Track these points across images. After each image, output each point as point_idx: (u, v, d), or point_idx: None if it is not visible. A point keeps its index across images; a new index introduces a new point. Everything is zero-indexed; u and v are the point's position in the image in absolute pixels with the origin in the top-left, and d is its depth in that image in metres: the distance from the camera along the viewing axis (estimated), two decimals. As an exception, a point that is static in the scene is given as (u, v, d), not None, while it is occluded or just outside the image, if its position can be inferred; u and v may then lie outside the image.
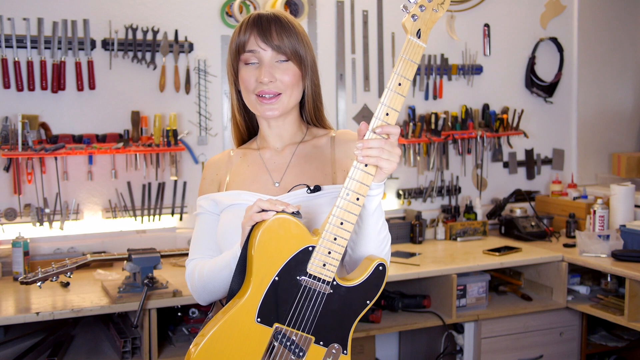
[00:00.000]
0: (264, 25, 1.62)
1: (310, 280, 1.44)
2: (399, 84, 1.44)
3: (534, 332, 3.28)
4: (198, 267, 1.65)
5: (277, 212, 1.43)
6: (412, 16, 1.44)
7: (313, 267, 1.44)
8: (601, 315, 3.11)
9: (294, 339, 1.45)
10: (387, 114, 1.44)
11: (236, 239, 1.58)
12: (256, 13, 1.66)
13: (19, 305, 2.58)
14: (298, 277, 1.44)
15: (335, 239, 1.43)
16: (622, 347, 3.43)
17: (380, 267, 1.48)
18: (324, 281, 1.44)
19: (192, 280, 1.67)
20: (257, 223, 1.45)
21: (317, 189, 1.59)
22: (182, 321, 2.91)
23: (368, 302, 1.49)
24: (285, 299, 1.44)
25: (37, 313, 2.47)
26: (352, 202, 1.43)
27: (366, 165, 1.43)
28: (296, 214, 1.45)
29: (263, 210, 1.44)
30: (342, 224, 1.43)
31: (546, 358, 3.30)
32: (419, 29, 1.44)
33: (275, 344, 1.44)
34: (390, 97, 1.44)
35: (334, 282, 1.45)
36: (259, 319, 1.43)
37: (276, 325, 1.44)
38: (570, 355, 3.35)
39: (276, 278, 1.43)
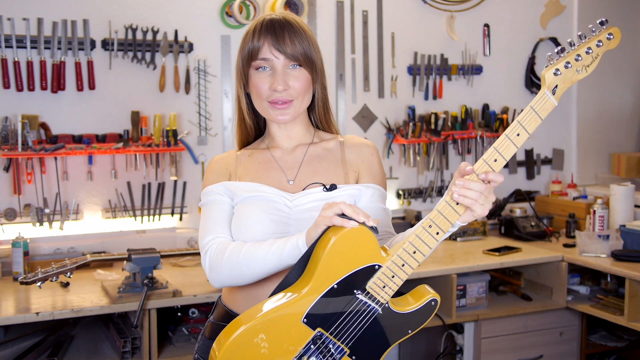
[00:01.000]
0: (277, 32, 1.62)
1: (366, 297, 1.43)
2: (518, 134, 1.39)
3: (533, 332, 3.28)
4: (232, 246, 1.57)
5: (358, 222, 1.40)
6: (555, 70, 1.38)
7: (373, 285, 1.43)
8: (601, 315, 3.11)
9: (331, 346, 1.44)
10: (496, 160, 1.39)
11: (259, 230, 1.57)
12: (268, 18, 1.65)
13: (19, 305, 2.58)
14: (355, 291, 1.43)
15: (403, 265, 1.42)
16: (622, 347, 3.43)
17: (433, 302, 1.48)
18: (378, 302, 1.44)
19: (218, 258, 1.57)
20: (333, 225, 1.42)
21: (333, 187, 1.59)
22: (182, 321, 2.91)
23: (410, 331, 1.49)
24: (336, 308, 1.43)
25: (37, 313, 2.47)
26: (432, 235, 1.41)
27: (457, 203, 1.40)
28: (374, 228, 1.42)
29: (343, 215, 1.41)
30: (414, 252, 1.42)
31: (546, 358, 3.30)
32: (557, 85, 1.39)
33: (312, 347, 1.43)
34: (505, 145, 1.39)
35: (387, 305, 1.45)
36: (305, 320, 1.42)
37: (319, 329, 1.43)
38: (570, 355, 3.35)
39: (335, 286, 1.42)
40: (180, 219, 3.32)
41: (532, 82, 4.07)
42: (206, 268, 1.61)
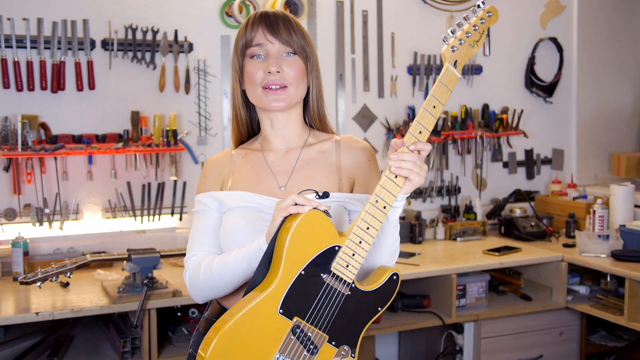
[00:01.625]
0: (272, 20, 1.65)
1: (332, 279, 1.48)
2: (434, 107, 1.53)
3: (533, 332, 3.28)
4: (205, 262, 1.63)
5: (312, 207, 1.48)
6: (452, 47, 1.56)
7: (337, 266, 1.48)
8: (601, 315, 3.11)
9: (310, 335, 1.47)
10: (420, 132, 1.52)
11: (243, 241, 1.59)
12: (262, 10, 1.68)
13: (19, 305, 2.59)
14: (322, 275, 1.47)
15: (360, 242, 1.48)
16: (622, 347, 3.43)
17: (395, 277, 1.55)
18: (344, 282, 1.49)
19: (195, 275, 1.64)
20: (289, 215, 1.47)
21: (325, 195, 1.60)
22: (181, 321, 2.91)
23: (380, 308, 1.54)
24: (307, 294, 1.47)
25: (37, 313, 2.47)
26: (380, 209, 1.49)
27: (396, 176, 1.49)
28: (326, 212, 1.49)
29: (297, 205, 1.48)
30: (368, 228, 1.49)
31: (546, 358, 3.30)
32: (456, 60, 1.57)
33: (292, 337, 1.46)
34: (426, 118, 1.52)
35: (353, 285, 1.50)
36: (281, 311, 1.45)
37: (296, 319, 1.46)
38: (570, 355, 3.36)
39: (302, 272, 1.46)
40: (180, 219, 3.32)
41: (532, 82, 4.07)
42: (187, 285, 1.69)
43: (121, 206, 3.20)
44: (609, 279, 3.32)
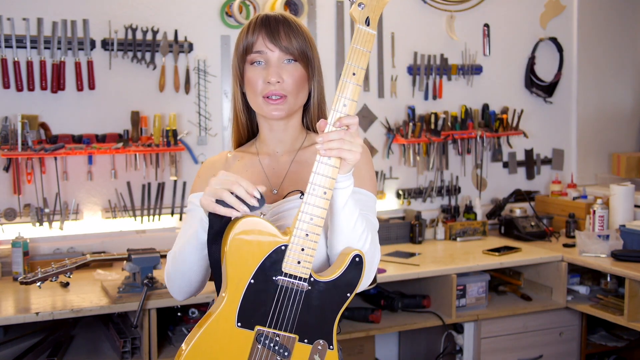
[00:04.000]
0: (272, 26, 1.62)
1: (287, 279, 1.43)
2: (353, 74, 1.42)
3: (533, 332, 3.28)
4: (172, 252, 1.64)
5: (239, 212, 1.42)
6: (359, 5, 1.43)
7: (288, 265, 1.43)
8: (601, 315, 3.11)
9: (278, 339, 1.45)
10: (345, 105, 1.42)
11: None
12: (264, 14, 1.66)
13: (19, 305, 2.59)
14: (274, 278, 1.43)
15: (307, 235, 1.42)
16: (622, 347, 3.43)
17: (357, 259, 1.46)
18: (300, 278, 1.43)
19: (167, 268, 1.64)
20: (228, 225, 1.44)
21: None
22: (181, 321, 2.91)
23: (349, 294, 1.47)
24: (263, 300, 1.43)
25: (37, 313, 2.47)
26: (319, 196, 1.42)
27: (330, 158, 1.42)
28: (256, 206, 1.43)
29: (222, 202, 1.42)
30: (311, 219, 1.42)
31: (546, 358, 3.30)
32: (367, 17, 1.44)
33: (259, 346, 1.44)
34: (346, 88, 1.42)
35: (311, 279, 1.44)
36: (239, 324, 1.43)
37: (258, 328, 1.44)
38: (570, 355, 3.36)
39: (252, 281, 1.43)
40: (180, 218, 3.31)
41: (532, 82, 4.07)
42: (166, 284, 1.67)
43: (121, 206, 3.20)
44: (609, 279, 3.32)
